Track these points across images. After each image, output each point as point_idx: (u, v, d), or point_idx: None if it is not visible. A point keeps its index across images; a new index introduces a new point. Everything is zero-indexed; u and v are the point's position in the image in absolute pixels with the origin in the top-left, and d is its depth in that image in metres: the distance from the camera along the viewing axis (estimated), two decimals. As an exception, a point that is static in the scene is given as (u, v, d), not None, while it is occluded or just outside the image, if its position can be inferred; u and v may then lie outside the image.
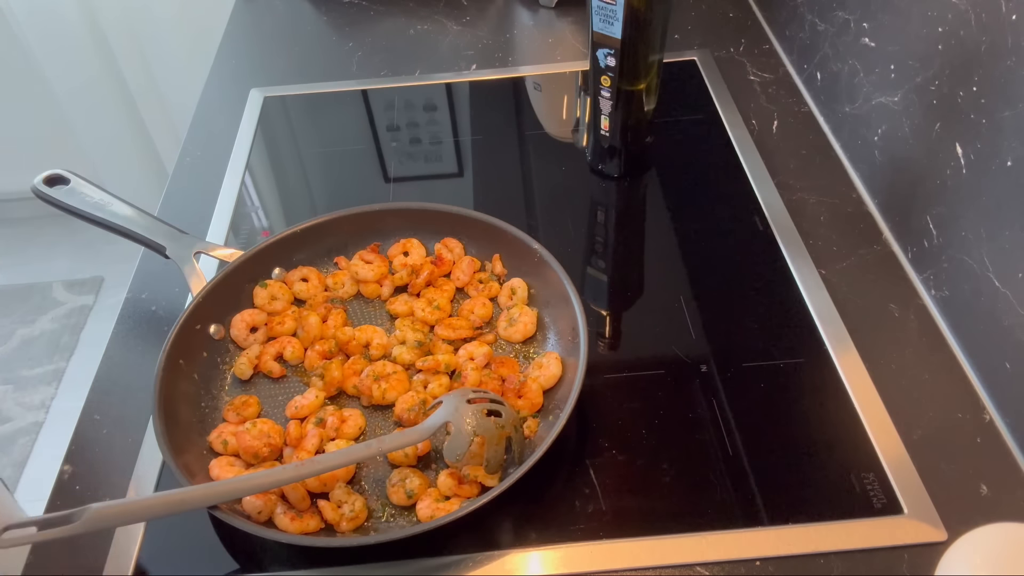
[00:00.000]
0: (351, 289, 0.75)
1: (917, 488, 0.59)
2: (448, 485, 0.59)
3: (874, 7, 0.79)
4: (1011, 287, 0.61)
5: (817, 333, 0.70)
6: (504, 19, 1.17)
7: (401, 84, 1.05)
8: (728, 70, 1.03)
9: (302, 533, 0.57)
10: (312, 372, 0.68)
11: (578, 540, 0.57)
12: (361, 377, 0.67)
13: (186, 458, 0.59)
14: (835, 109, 0.90)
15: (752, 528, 0.57)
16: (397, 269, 0.76)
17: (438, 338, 0.71)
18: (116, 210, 0.75)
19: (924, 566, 0.55)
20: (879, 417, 0.64)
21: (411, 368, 0.69)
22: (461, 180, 0.92)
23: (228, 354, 0.70)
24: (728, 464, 0.61)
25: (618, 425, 0.65)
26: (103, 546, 0.59)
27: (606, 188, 0.89)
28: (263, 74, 1.10)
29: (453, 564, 0.56)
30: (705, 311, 0.73)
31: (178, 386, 0.64)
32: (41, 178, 0.75)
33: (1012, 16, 0.58)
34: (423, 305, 0.73)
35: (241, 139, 0.98)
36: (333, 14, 1.20)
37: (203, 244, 0.75)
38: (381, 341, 0.70)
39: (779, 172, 0.87)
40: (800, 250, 0.78)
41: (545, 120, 1.00)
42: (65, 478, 0.64)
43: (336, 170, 0.94)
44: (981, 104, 0.63)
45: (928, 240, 0.72)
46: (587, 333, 0.64)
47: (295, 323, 0.72)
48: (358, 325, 0.73)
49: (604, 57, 0.78)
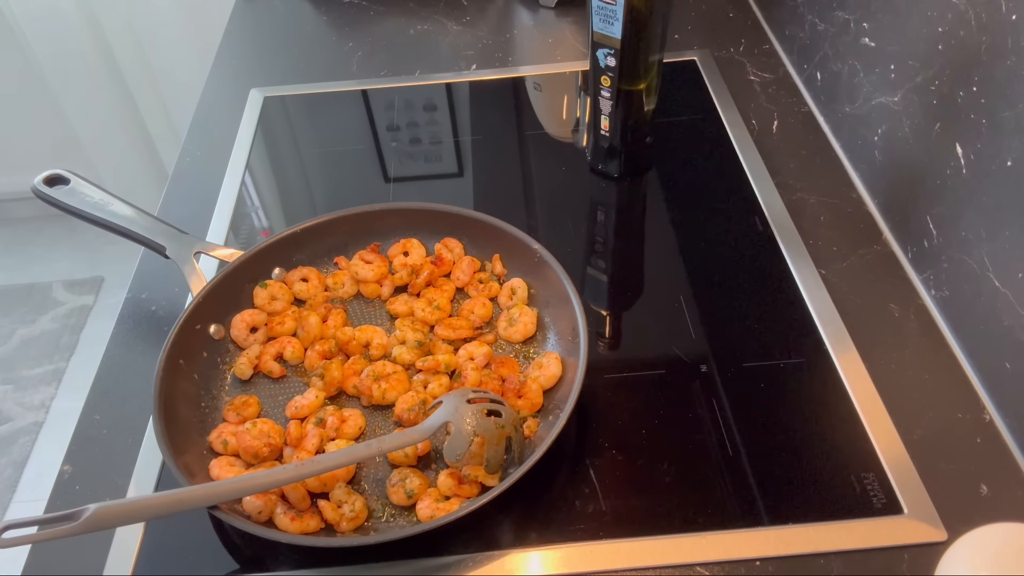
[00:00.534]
0: (351, 289, 0.75)
1: (917, 488, 0.59)
2: (448, 485, 0.59)
3: (874, 7, 0.79)
4: (1011, 287, 0.61)
5: (817, 333, 0.70)
6: (504, 19, 1.17)
7: (401, 84, 1.05)
8: (728, 70, 1.03)
9: (302, 533, 0.57)
10: (312, 372, 0.68)
11: (578, 540, 0.57)
12: (361, 377, 0.67)
13: (186, 458, 0.59)
14: (835, 109, 0.90)
15: (752, 528, 0.57)
16: (397, 269, 0.76)
17: (438, 338, 0.71)
18: (116, 210, 0.75)
19: (924, 566, 0.55)
20: (879, 417, 0.64)
21: (411, 368, 0.69)
22: (461, 180, 0.92)
23: (228, 354, 0.70)
24: (728, 464, 0.61)
25: (618, 425, 0.65)
26: (103, 546, 0.59)
27: (606, 188, 0.89)
28: (263, 74, 1.10)
29: (453, 564, 0.56)
30: (705, 311, 0.73)
31: (178, 386, 0.64)
32: (41, 178, 0.75)
33: (1012, 16, 0.58)
34: (423, 305, 0.73)
35: (241, 139, 0.98)
36: (333, 14, 1.20)
37: (203, 244, 0.75)
38: (381, 341, 0.70)
39: (779, 172, 0.87)
40: (800, 250, 0.78)
41: (545, 120, 1.00)
42: (65, 478, 0.64)
43: (336, 170, 0.94)
44: (981, 104, 0.63)
45: (928, 240, 0.72)
46: (587, 333, 0.64)
47: (295, 323, 0.72)
48: (358, 325, 0.73)
49: (604, 57, 0.78)
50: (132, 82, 1.74)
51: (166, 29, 1.63)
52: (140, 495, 0.62)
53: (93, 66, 1.67)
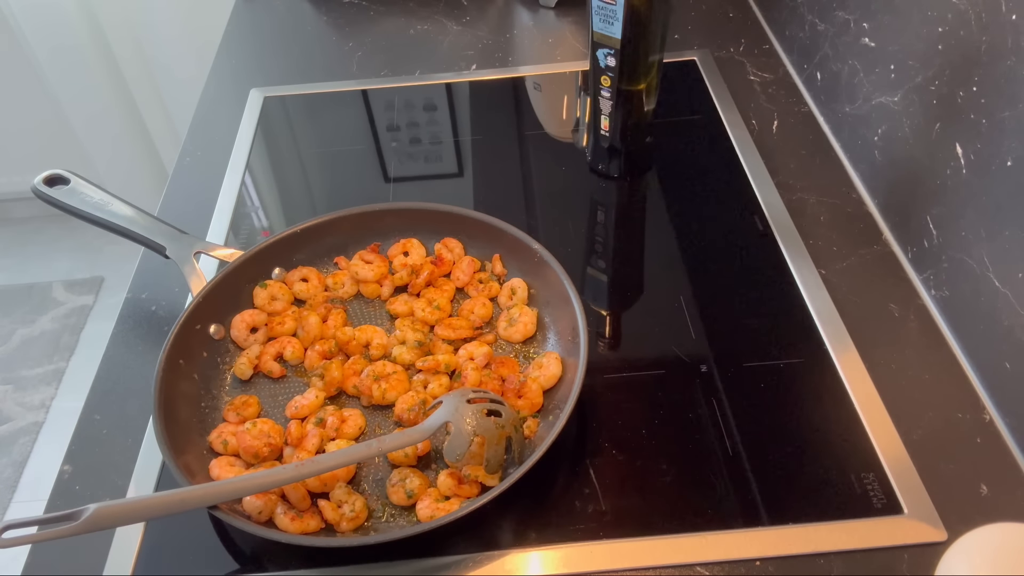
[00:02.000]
0: (351, 289, 0.75)
1: (917, 488, 0.59)
2: (448, 485, 0.59)
3: (874, 7, 0.79)
4: (1011, 287, 0.61)
5: (817, 333, 0.70)
6: (504, 19, 1.17)
7: (401, 84, 1.05)
8: (728, 70, 1.03)
9: (302, 533, 0.57)
10: (312, 372, 0.68)
11: (578, 540, 0.57)
12: (361, 377, 0.67)
13: (186, 458, 0.59)
14: (835, 109, 0.90)
15: (752, 528, 0.57)
16: (397, 269, 0.76)
17: (438, 338, 0.71)
18: (116, 210, 0.75)
19: (924, 566, 0.55)
20: (879, 417, 0.64)
21: (411, 368, 0.69)
22: (461, 180, 0.92)
23: (228, 354, 0.70)
24: (728, 464, 0.61)
25: (618, 425, 0.65)
26: (103, 546, 0.59)
27: (606, 188, 0.89)
28: (263, 74, 1.10)
29: (453, 564, 0.56)
30: (705, 311, 0.73)
31: (178, 386, 0.64)
32: (41, 178, 0.75)
33: (1012, 16, 0.58)
34: (423, 305, 0.73)
35: (241, 139, 0.98)
36: (333, 14, 1.20)
37: (203, 244, 0.75)
38: (381, 341, 0.70)
39: (779, 172, 0.87)
40: (800, 250, 0.78)
41: (545, 120, 1.00)
42: (65, 478, 0.64)
43: (336, 170, 0.94)
44: (981, 104, 0.63)
45: (928, 240, 0.72)
46: (587, 333, 0.64)
47: (295, 323, 0.72)
48: (358, 325, 0.73)
49: (604, 57, 0.78)
50: (132, 82, 1.75)
51: (166, 29, 1.63)
52: (140, 495, 0.62)
53: (93, 66, 1.68)
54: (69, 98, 1.72)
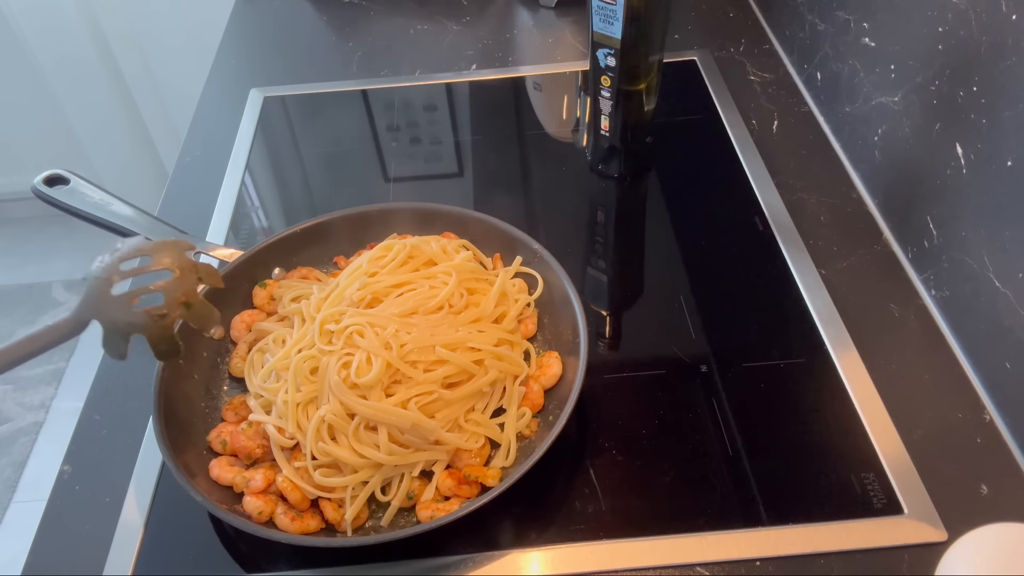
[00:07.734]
0: (351, 289, 0.75)
1: (917, 488, 0.59)
2: (448, 485, 0.59)
3: (874, 7, 0.79)
4: (1011, 287, 0.61)
5: (817, 333, 0.70)
6: (504, 19, 1.17)
7: (401, 84, 1.05)
8: (728, 70, 1.03)
9: (302, 533, 0.57)
10: (312, 372, 0.68)
11: (578, 540, 0.57)
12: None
13: (186, 458, 0.59)
14: (835, 109, 0.90)
15: (752, 528, 0.57)
16: (397, 269, 0.76)
17: (438, 338, 0.70)
18: (116, 210, 0.75)
19: (924, 566, 0.55)
20: (879, 417, 0.64)
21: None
22: (461, 180, 0.92)
23: (228, 354, 0.70)
24: (728, 464, 0.61)
25: (618, 425, 0.65)
26: (103, 546, 0.59)
27: (606, 188, 0.89)
28: (263, 74, 1.10)
29: (453, 564, 0.56)
30: (705, 311, 0.73)
31: (178, 386, 0.64)
32: (41, 178, 0.75)
33: (1012, 16, 0.58)
34: (423, 305, 0.72)
35: (241, 139, 0.97)
36: (333, 14, 1.20)
37: (203, 244, 0.75)
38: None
39: (779, 172, 0.87)
40: (800, 250, 0.78)
41: (545, 120, 1.00)
42: (65, 478, 0.64)
43: (336, 170, 0.94)
44: (981, 104, 0.63)
45: (928, 240, 0.72)
46: (587, 333, 0.64)
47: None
48: (358, 325, 0.73)
49: (604, 57, 0.78)
50: (132, 81, 1.74)
51: (166, 28, 1.63)
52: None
53: (92, 66, 1.67)
54: (69, 98, 1.72)
